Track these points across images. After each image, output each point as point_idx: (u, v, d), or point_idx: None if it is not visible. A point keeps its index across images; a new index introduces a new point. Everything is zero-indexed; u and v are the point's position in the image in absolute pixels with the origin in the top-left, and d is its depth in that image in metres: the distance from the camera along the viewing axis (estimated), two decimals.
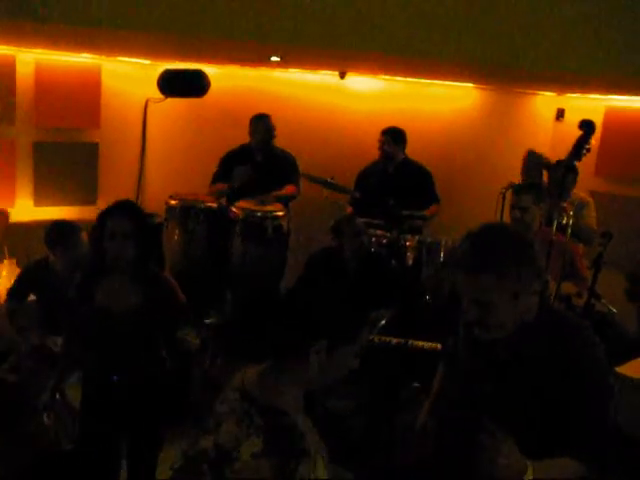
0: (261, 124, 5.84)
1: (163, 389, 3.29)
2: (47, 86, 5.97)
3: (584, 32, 4.40)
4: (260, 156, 5.89)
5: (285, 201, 5.79)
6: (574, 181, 5.03)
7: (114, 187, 6.46)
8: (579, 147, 4.15)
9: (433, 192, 5.82)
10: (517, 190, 4.31)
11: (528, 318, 2.11)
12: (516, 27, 4.30)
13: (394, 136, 5.78)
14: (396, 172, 5.82)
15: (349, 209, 5.75)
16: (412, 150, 5.90)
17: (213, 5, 4.07)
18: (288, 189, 5.84)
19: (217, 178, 5.90)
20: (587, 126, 4.15)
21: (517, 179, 5.19)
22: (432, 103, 6.75)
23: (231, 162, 5.88)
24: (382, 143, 5.81)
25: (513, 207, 4.26)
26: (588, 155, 5.44)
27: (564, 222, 3.98)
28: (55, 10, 3.89)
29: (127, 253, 3.09)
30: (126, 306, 3.14)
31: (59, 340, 3.82)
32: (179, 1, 4.05)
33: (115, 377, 3.16)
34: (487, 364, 2.21)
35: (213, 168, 5.94)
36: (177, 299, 3.41)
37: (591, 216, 5.18)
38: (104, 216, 3.13)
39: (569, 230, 3.98)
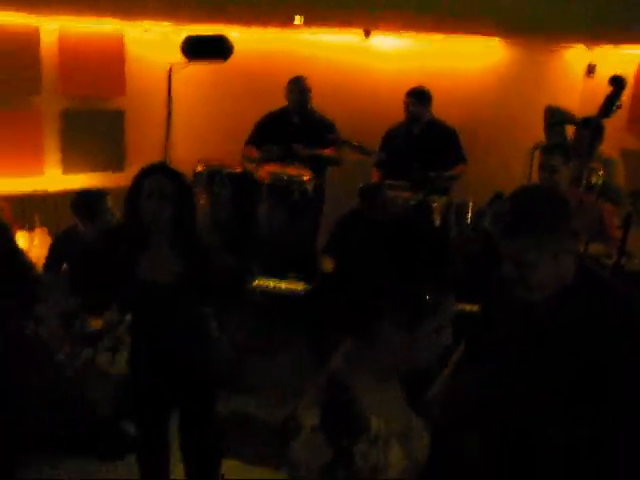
0: (296, 86, 5.83)
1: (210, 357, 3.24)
2: (71, 55, 6.00)
3: None
4: (297, 118, 5.89)
5: (322, 164, 5.76)
6: (601, 139, 4.92)
7: (141, 153, 6.47)
8: (609, 104, 4.07)
9: (459, 152, 5.75)
10: (546, 150, 4.23)
11: (567, 279, 2.13)
12: None
13: (419, 97, 5.69)
14: (422, 133, 5.74)
15: (375, 171, 5.70)
16: (439, 109, 5.82)
17: None
18: (326, 151, 5.80)
19: (251, 140, 5.90)
20: (617, 82, 4.05)
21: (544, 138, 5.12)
22: (459, 60, 6.64)
23: (267, 126, 5.88)
24: (407, 104, 5.72)
25: (542, 167, 4.18)
26: (619, 111, 5.38)
27: (593, 182, 3.93)
28: None
29: (164, 214, 2.94)
30: (168, 277, 2.97)
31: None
32: None
33: None
34: (526, 327, 2.22)
35: (239, 131, 5.92)
36: (217, 267, 3.19)
37: (619, 175, 5.07)
38: (141, 176, 2.99)
39: (597, 189, 3.92)
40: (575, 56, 6.58)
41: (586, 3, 4.22)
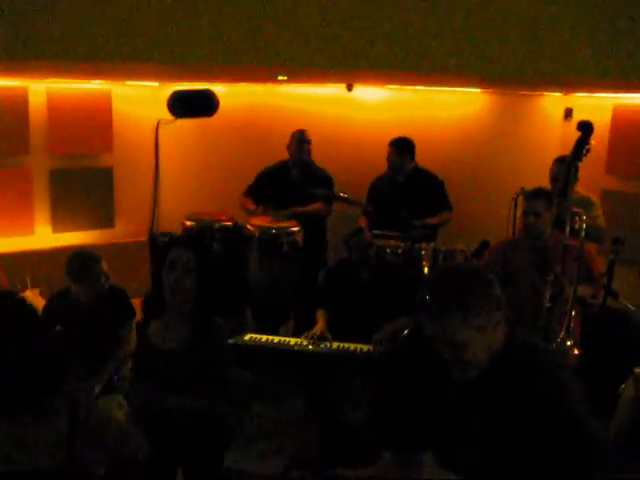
0: (294, 139, 5.91)
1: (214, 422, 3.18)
2: (59, 114, 6.09)
3: (588, 36, 4.43)
4: (296, 171, 5.96)
5: (308, 217, 5.81)
6: (575, 178, 5.01)
7: (130, 209, 6.57)
8: (579, 148, 4.22)
9: (445, 200, 5.83)
10: (528, 196, 4.34)
11: (497, 348, 2.20)
12: (519, 36, 4.34)
13: (400, 147, 5.77)
14: (406, 182, 5.81)
15: (363, 221, 5.78)
16: (422, 158, 5.92)
17: (218, 33, 4.15)
18: (313, 206, 5.84)
19: (251, 192, 5.96)
20: (585, 127, 4.21)
21: (528, 183, 5.22)
22: (440, 110, 6.78)
23: (267, 178, 5.96)
24: (388, 154, 5.80)
25: (526, 213, 4.29)
26: (599, 154, 5.52)
27: (577, 227, 4.02)
28: (63, 47, 3.99)
29: (185, 287, 2.95)
30: (172, 346, 3.03)
31: None
32: (183, 31, 4.13)
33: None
34: (467, 403, 2.28)
35: (227, 184, 6.01)
36: (223, 349, 3.21)
37: (598, 215, 5.19)
38: (168, 246, 3.02)
39: (582, 234, 4.01)
40: (553, 101, 6.74)
41: (561, 56, 4.36)
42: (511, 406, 2.13)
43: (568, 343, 3.68)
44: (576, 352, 3.72)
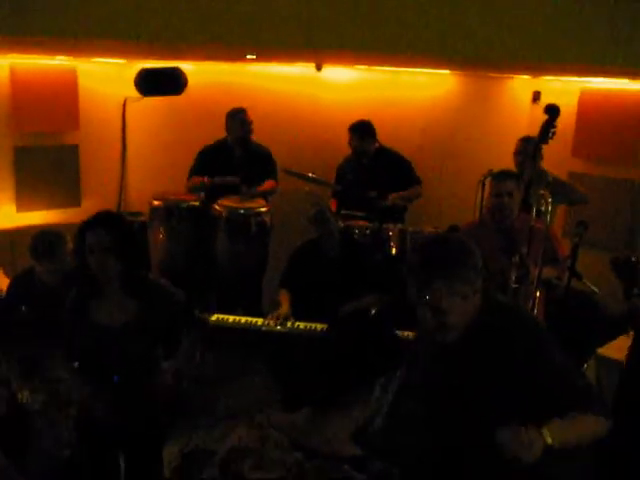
0: (237, 119, 5.82)
1: (161, 395, 3.21)
2: (24, 90, 5.96)
3: (556, 20, 4.45)
4: (239, 151, 5.89)
5: (266, 196, 5.82)
6: (540, 156, 5.09)
7: (97, 188, 6.49)
8: (545, 131, 4.30)
9: (412, 175, 5.86)
10: (499, 176, 4.35)
11: (475, 314, 2.33)
12: (487, 18, 4.35)
13: (360, 132, 5.77)
14: (371, 162, 5.83)
15: (332, 203, 5.78)
16: (390, 139, 5.94)
17: (186, 9, 4.09)
18: (268, 184, 5.85)
19: (193, 173, 5.87)
20: (551, 110, 4.30)
21: (495, 165, 5.26)
22: (409, 91, 6.76)
23: (208, 158, 5.88)
24: (350, 139, 5.82)
25: (498, 194, 4.26)
26: (566, 137, 5.58)
27: (543, 209, 4.07)
28: (27, 21, 3.91)
29: (109, 267, 3.01)
30: (120, 322, 3.07)
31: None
32: (153, 7, 4.06)
33: (116, 377, 3.14)
34: (448, 365, 2.40)
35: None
36: (173, 303, 3.28)
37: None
38: (82, 230, 3.03)
39: (548, 217, 4.06)
40: (521, 84, 6.77)
41: (529, 38, 4.38)
42: (493, 364, 2.28)
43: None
44: None
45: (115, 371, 3.08)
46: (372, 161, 5.83)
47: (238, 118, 5.82)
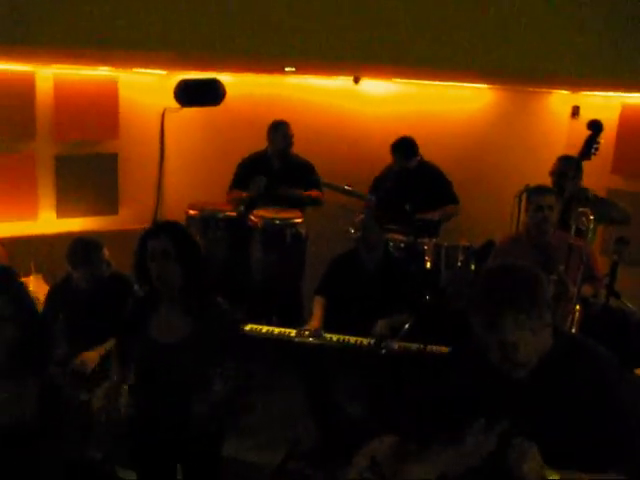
0: (279, 132, 5.85)
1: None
2: (66, 100, 6.08)
3: (597, 35, 4.42)
4: (278, 163, 5.93)
5: (307, 205, 5.83)
6: (580, 175, 5.01)
7: (134, 197, 6.58)
8: (588, 147, 4.23)
9: (451, 193, 5.83)
10: (539, 190, 4.31)
11: (546, 348, 2.19)
12: (527, 33, 4.33)
13: (403, 151, 5.77)
14: (412, 175, 5.81)
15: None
16: (427, 152, 5.92)
17: (227, 22, 4.14)
18: (314, 192, 5.87)
19: (234, 185, 5.94)
20: (595, 126, 4.23)
21: (533, 180, 5.21)
22: (447, 104, 6.75)
23: (248, 169, 5.92)
24: (394, 159, 5.81)
25: (538, 207, 4.23)
26: (605, 153, 5.50)
27: (585, 226, 4.02)
28: (71, 33, 3.99)
29: (171, 273, 2.96)
30: (175, 339, 3.00)
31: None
32: (192, 19, 4.12)
33: None
34: (514, 402, 2.23)
35: (231, 175, 6.00)
36: (229, 322, 3.17)
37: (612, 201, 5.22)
38: (144, 238, 3.01)
39: (589, 235, 4.01)
40: (560, 99, 6.71)
41: (569, 54, 4.35)
42: (562, 404, 2.15)
43: None
44: None
45: (167, 391, 3.01)
46: (413, 173, 5.82)
47: (281, 130, 5.86)
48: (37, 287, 4.70)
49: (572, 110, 6.68)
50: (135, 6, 4.27)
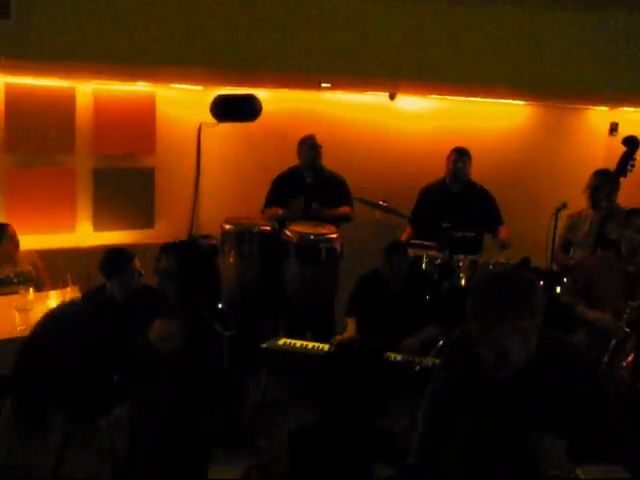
0: (305, 144, 5.90)
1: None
2: (105, 115, 6.17)
3: (636, 52, 4.38)
4: (309, 177, 5.96)
5: (337, 222, 5.83)
6: (616, 190, 4.90)
7: (170, 210, 6.63)
8: (624, 163, 4.16)
9: (498, 215, 5.77)
10: (631, 212, 4.04)
11: (532, 350, 2.30)
12: (565, 50, 4.30)
13: (469, 156, 5.73)
14: (460, 192, 5.77)
15: (407, 230, 5.76)
16: None
17: (263, 39, 4.17)
18: (342, 209, 5.87)
19: (269, 202, 5.99)
20: (630, 142, 4.16)
21: (570, 198, 5.16)
22: (483, 121, 6.72)
23: (282, 185, 5.97)
24: (458, 162, 5.72)
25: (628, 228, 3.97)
26: None
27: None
28: (110, 50, 4.06)
29: (168, 291, 3.15)
30: (169, 348, 3.14)
31: None
32: (229, 36, 4.17)
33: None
34: (499, 401, 2.36)
35: (266, 190, 6.03)
36: (215, 342, 3.24)
37: None
38: (159, 253, 3.22)
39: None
40: (598, 116, 6.65)
41: (607, 71, 4.32)
42: (547, 401, 2.28)
43: None
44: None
45: (160, 398, 3.08)
46: (461, 190, 5.78)
47: (306, 143, 5.90)
48: (73, 298, 4.72)
49: (610, 127, 6.62)
50: (173, 23, 4.34)
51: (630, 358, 3.67)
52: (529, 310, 2.22)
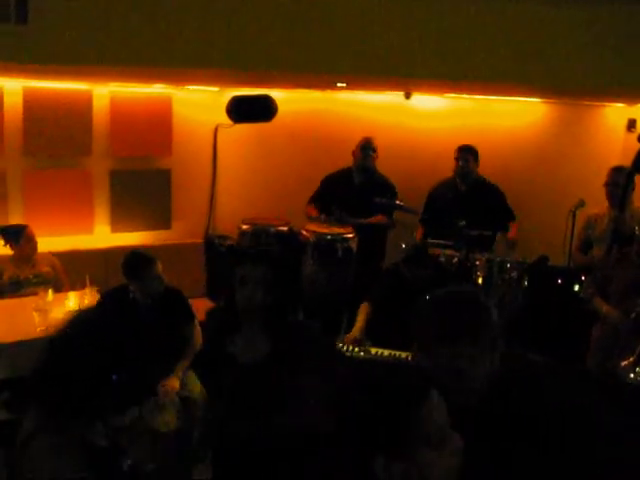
0: (360, 147, 5.93)
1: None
2: (121, 117, 6.21)
3: None
4: (359, 178, 5.97)
5: (370, 228, 5.79)
6: (633, 188, 4.86)
7: (187, 212, 6.66)
8: (639, 160, 4.14)
9: (509, 210, 5.76)
10: None
11: (495, 373, 2.14)
12: (581, 47, 4.28)
13: (474, 154, 5.73)
14: (469, 190, 5.77)
15: (419, 229, 5.75)
16: (480, 167, 5.87)
17: (278, 39, 4.18)
18: (376, 218, 5.82)
19: (316, 198, 6.01)
20: None
21: (587, 195, 5.14)
22: (499, 119, 6.71)
23: (330, 184, 6.00)
24: (458, 159, 5.74)
25: None
26: None
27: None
28: (127, 52, 4.08)
29: (256, 301, 3.05)
30: (254, 357, 3.05)
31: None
32: (244, 37, 4.18)
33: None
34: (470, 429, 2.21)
35: (283, 189, 6.05)
36: (308, 340, 3.27)
37: None
38: (238, 261, 3.14)
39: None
40: (615, 112, 6.61)
41: (623, 67, 4.29)
42: (513, 429, 2.08)
43: (637, 369, 3.59)
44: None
45: (248, 410, 3.01)
46: (470, 188, 5.78)
47: (359, 145, 5.93)
48: (92, 300, 4.76)
49: (628, 123, 6.57)
50: (188, 25, 4.36)
51: (632, 359, 3.65)
52: (487, 330, 2.08)
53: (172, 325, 4.21)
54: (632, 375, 3.58)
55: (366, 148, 5.90)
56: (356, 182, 5.96)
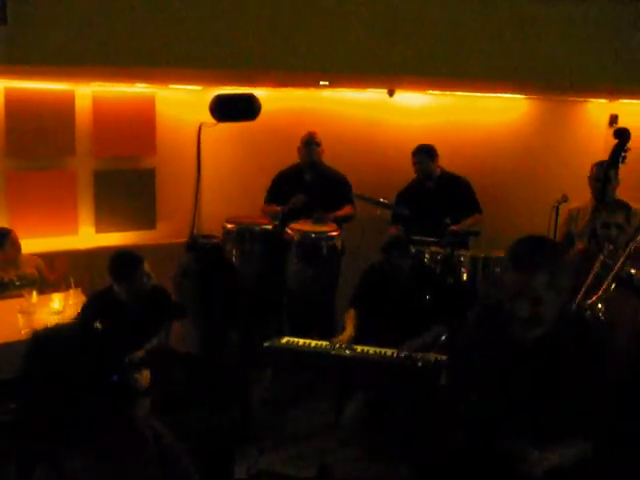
0: (303, 142, 5.93)
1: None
2: (104, 117, 6.18)
3: (632, 43, 4.38)
4: (309, 175, 5.97)
5: (341, 221, 5.84)
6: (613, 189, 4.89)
7: (171, 211, 6.64)
8: (615, 155, 4.18)
9: (474, 201, 5.79)
10: (610, 206, 4.09)
11: (555, 316, 2.41)
12: (563, 43, 4.30)
13: (428, 153, 5.75)
14: (436, 187, 5.80)
15: (393, 228, 5.73)
16: (463, 164, 5.90)
17: (260, 38, 4.18)
18: (345, 210, 5.88)
19: (269, 198, 6.01)
20: (621, 134, 4.18)
21: (570, 191, 5.17)
22: (483, 115, 6.73)
23: (282, 182, 5.99)
24: (416, 163, 5.79)
25: (606, 225, 3.97)
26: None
27: None
28: (108, 52, 4.07)
29: (183, 289, 3.18)
30: (187, 347, 3.17)
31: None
32: (227, 36, 4.17)
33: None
34: (522, 363, 2.43)
35: (267, 188, 6.04)
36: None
37: None
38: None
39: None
40: (597, 108, 6.65)
41: (606, 63, 4.32)
42: (561, 369, 2.38)
43: (599, 306, 3.63)
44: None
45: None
46: (437, 185, 5.81)
47: (304, 141, 5.92)
48: (77, 301, 4.75)
49: (610, 119, 6.61)
50: (170, 24, 4.35)
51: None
52: (560, 266, 2.34)
53: (160, 323, 4.20)
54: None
55: (309, 143, 5.90)
56: (307, 179, 5.97)
